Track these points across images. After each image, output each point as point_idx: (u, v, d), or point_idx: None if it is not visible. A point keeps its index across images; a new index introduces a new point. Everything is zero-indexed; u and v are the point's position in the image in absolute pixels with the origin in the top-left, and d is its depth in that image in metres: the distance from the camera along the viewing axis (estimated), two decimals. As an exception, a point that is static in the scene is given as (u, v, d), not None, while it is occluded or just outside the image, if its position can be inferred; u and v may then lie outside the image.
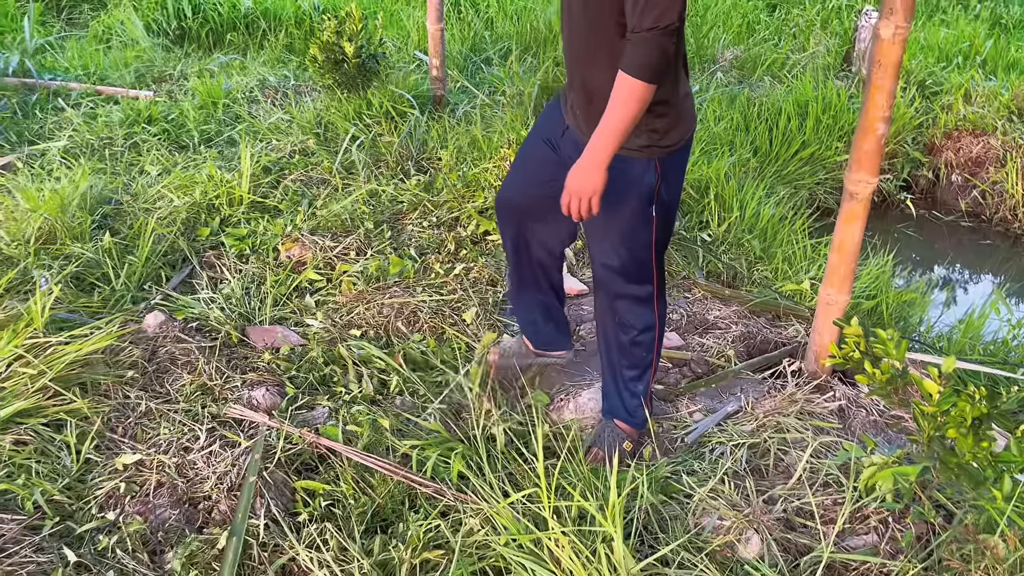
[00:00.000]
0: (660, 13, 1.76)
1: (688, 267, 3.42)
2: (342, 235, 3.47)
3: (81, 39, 6.22)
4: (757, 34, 6.60)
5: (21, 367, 2.30)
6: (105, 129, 4.39)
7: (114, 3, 6.99)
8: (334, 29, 4.60)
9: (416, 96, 4.73)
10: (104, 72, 5.50)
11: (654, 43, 1.78)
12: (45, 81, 5.11)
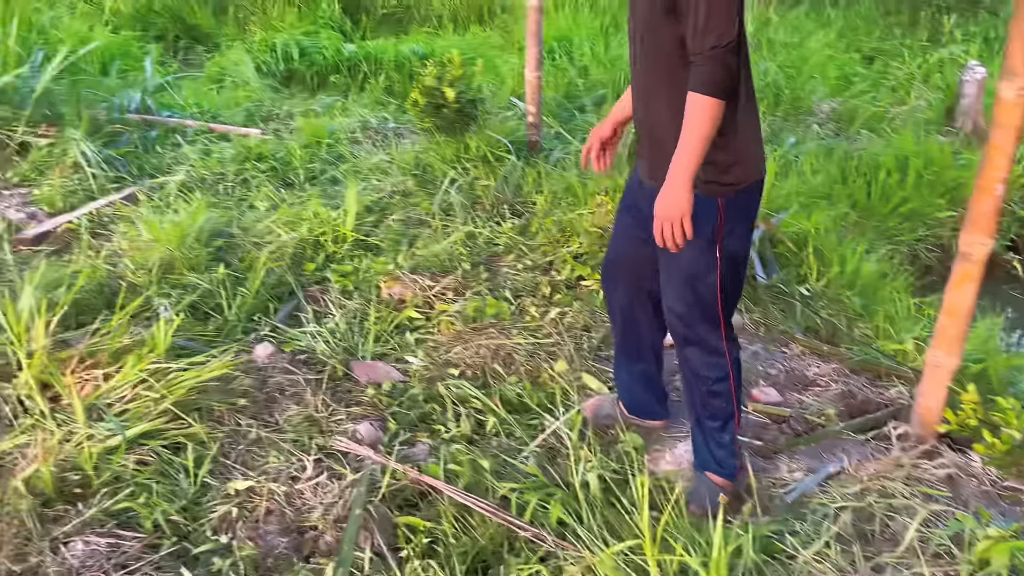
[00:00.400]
0: (719, 34, 1.87)
1: (786, 321, 3.38)
2: (441, 275, 3.56)
3: (197, 79, 6.57)
4: (854, 86, 6.52)
5: (144, 390, 2.43)
6: (218, 165, 4.62)
7: (227, 45, 7.38)
8: (436, 75, 4.76)
9: (512, 141, 4.83)
10: (217, 110, 5.80)
11: (717, 61, 1.89)
12: (164, 118, 5.41)
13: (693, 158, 1.92)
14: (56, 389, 2.43)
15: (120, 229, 3.72)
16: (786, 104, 5.94)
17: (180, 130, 5.25)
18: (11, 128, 4.55)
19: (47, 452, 2.19)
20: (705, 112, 1.89)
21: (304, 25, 7.65)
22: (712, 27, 1.87)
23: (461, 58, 4.79)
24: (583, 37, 7.31)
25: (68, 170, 4.35)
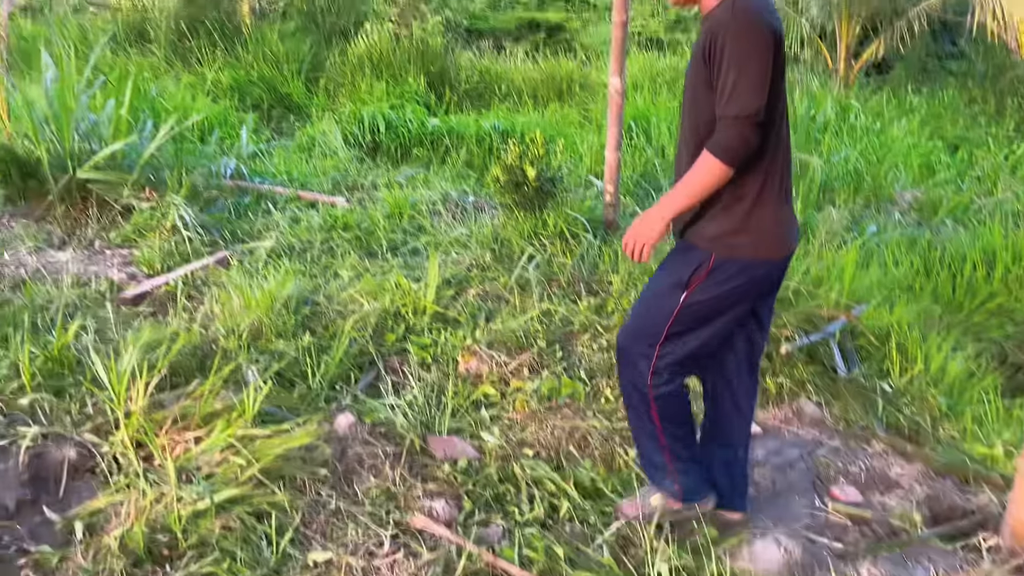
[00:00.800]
0: (743, 104, 1.99)
1: (867, 417, 3.31)
2: (517, 351, 3.60)
3: (287, 147, 6.89)
4: (938, 175, 6.44)
5: (232, 455, 2.51)
6: (306, 232, 4.81)
7: (318, 116, 7.73)
8: (518, 153, 4.90)
9: (589, 219, 4.90)
10: (306, 178, 6.05)
11: (735, 129, 2.01)
12: (256, 184, 5.67)
13: (680, 201, 2.12)
14: (150, 449, 2.53)
15: (213, 292, 3.88)
16: (867, 191, 5.90)
17: (271, 196, 5.49)
18: (117, 192, 4.83)
19: (139, 512, 2.27)
20: (709, 171, 2.05)
21: (391, 99, 7.97)
22: (737, 95, 2.00)
23: (543, 137, 4.92)
24: (661, 117, 7.43)
25: (167, 233, 4.58)
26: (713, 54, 2.05)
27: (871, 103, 8.75)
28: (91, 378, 2.81)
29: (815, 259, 4.30)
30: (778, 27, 2.11)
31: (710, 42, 2.06)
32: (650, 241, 2.16)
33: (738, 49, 2.01)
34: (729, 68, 2.01)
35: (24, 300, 3.57)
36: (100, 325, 3.44)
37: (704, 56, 2.08)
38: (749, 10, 2.04)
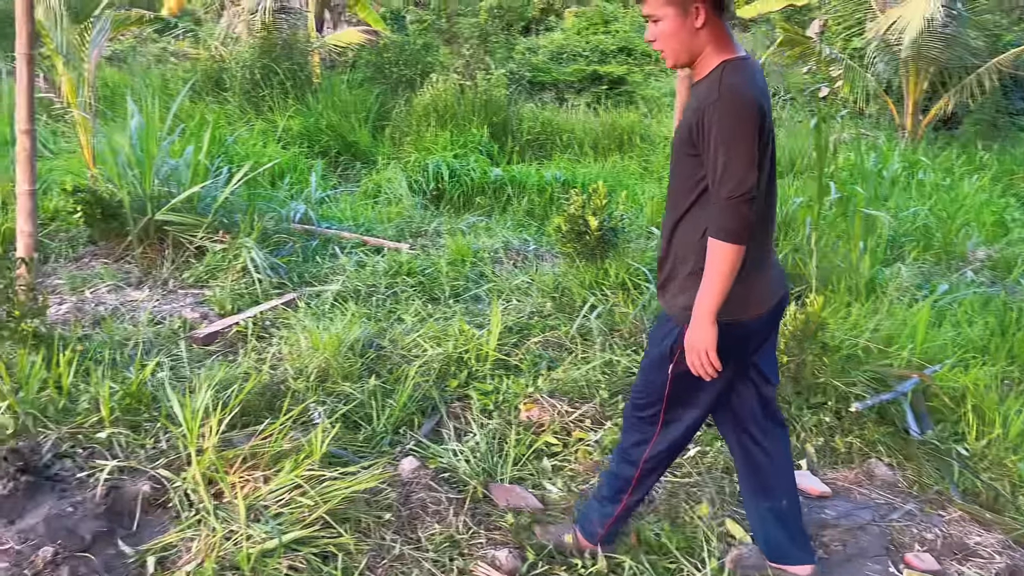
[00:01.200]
0: (736, 183, 2.02)
1: (942, 482, 3.20)
2: (579, 401, 3.59)
3: (354, 193, 7.05)
4: (1012, 233, 6.27)
5: (299, 496, 2.54)
6: (371, 277, 4.89)
7: (384, 163, 7.91)
8: (580, 203, 4.93)
9: (651, 269, 4.89)
10: (371, 224, 6.18)
11: (731, 210, 2.04)
12: (323, 229, 5.82)
13: (714, 296, 2.09)
14: (221, 486, 2.58)
15: (281, 334, 3.97)
16: (937, 248, 5.78)
17: (338, 241, 5.61)
18: (192, 233, 5.00)
19: (209, 549, 2.31)
20: (722, 257, 2.06)
21: (454, 148, 8.11)
22: (729, 176, 2.02)
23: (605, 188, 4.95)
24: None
25: (238, 274, 4.72)
26: (701, 129, 2.08)
27: (940, 159, 8.60)
28: (166, 414, 2.89)
29: (885, 317, 4.21)
30: (764, 100, 2.12)
31: (698, 118, 2.09)
32: (709, 346, 2.13)
33: (726, 129, 2.03)
34: (718, 148, 2.03)
35: (104, 336, 3.70)
36: (174, 363, 3.54)
37: (692, 128, 2.11)
38: (735, 87, 2.05)
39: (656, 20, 2.15)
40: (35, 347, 3.19)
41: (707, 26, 2.13)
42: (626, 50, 13.78)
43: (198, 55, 11.69)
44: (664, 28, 2.14)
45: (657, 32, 2.17)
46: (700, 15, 2.11)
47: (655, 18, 2.15)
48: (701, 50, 2.16)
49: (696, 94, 2.16)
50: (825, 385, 3.49)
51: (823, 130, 4.92)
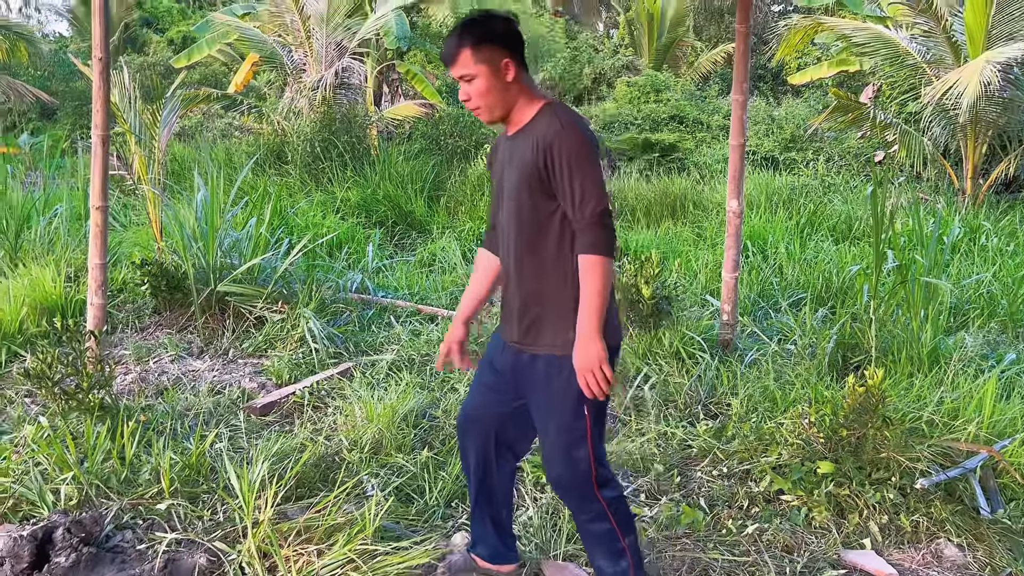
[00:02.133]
0: (596, 201, 2.18)
1: (1015, 564, 3.04)
2: (633, 474, 3.54)
3: (409, 262, 7.18)
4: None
5: (352, 571, 2.54)
6: (425, 346, 4.94)
7: (439, 233, 8.06)
8: (633, 272, 4.94)
9: (705, 339, 4.85)
10: (426, 293, 6.27)
11: (598, 225, 2.18)
12: (379, 298, 5.92)
13: (598, 311, 2.17)
14: (275, 560, 2.60)
15: (336, 404, 4.02)
16: (1003, 316, 5.61)
17: (393, 310, 5.70)
18: (252, 304, 5.14)
19: (263, 624, 2.31)
20: (598, 270, 2.16)
21: (507, 216, 8.21)
22: (588, 198, 2.18)
23: (658, 256, 4.96)
24: (778, 237, 7.36)
25: (295, 344, 4.81)
26: (551, 162, 2.20)
27: (1003, 223, 8.41)
28: (224, 486, 2.94)
29: (949, 388, 4.08)
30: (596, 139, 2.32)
31: (546, 152, 2.21)
32: (601, 359, 2.19)
33: (577, 154, 2.19)
34: (573, 172, 2.19)
35: (166, 407, 3.80)
36: (232, 433, 3.60)
37: (540, 165, 2.22)
38: (573, 119, 2.26)
39: (470, 79, 2.26)
40: (101, 418, 3.28)
41: (517, 78, 2.29)
42: (678, 118, 13.90)
43: (261, 129, 12.17)
44: (479, 86, 2.26)
45: (472, 90, 2.27)
46: (511, 69, 2.28)
47: (468, 77, 2.26)
48: (515, 102, 2.32)
49: (528, 138, 2.28)
50: (888, 460, 3.38)
51: (880, 195, 4.87)
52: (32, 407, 3.79)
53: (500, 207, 2.41)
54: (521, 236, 2.31)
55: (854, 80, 13.76)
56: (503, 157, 2.39)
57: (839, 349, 4.70)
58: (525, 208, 2.29)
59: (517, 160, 2.29)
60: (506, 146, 2.39)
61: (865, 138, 12.26)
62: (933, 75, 10.18)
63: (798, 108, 13.78)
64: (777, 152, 12.38)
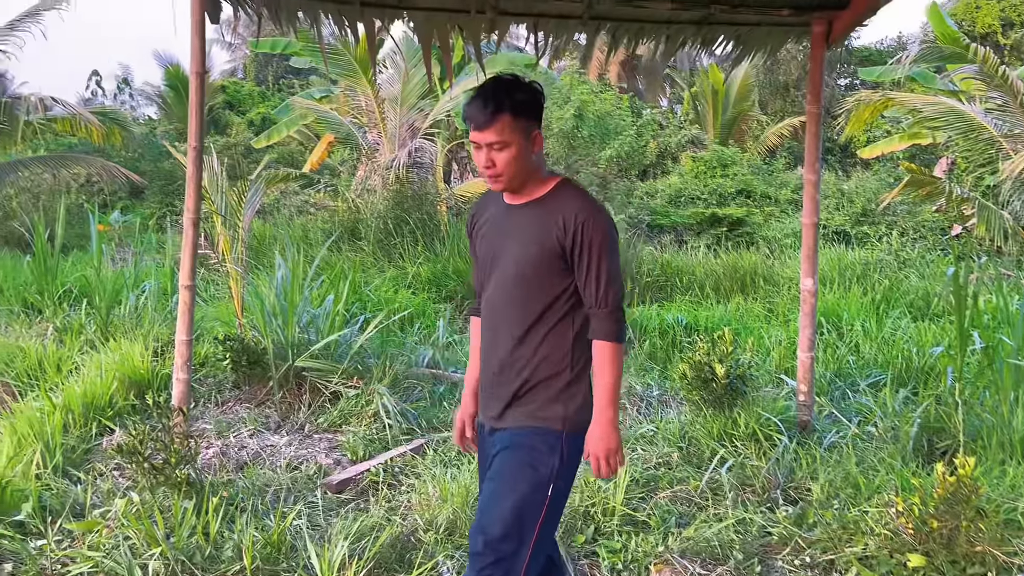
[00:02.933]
0: (617, 290, 2.22)
1: None
2: (711, 562, 3.45)
3: (479, 337, 7.24)
4: None
5: (429, 657, 2.52)
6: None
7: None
8: (706, 350, 4.90)
9: (782, 420, 4.74)
10: (495, 369, 6.29)
11: (616, 316, 2.21)
12: (450, 374, 5.97)
13: (615, 400, 2.20)
14: (353, 643, 2.60)
15: (410, 482, 4.04)
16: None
17: (462, 384, 5.73)
18: (327, 379, 5.24)
19: None
20: (616, 358, 2.19)
21: (576, 291, 8.24)
22: (612, 288, 2.20)
23: (730, 333, 4.91)
24: (853, 314, 7.22)
25: (370, 420, 4.88)
26: (579, 243, 2.18)
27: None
28: (304, 565, 2.97)
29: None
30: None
31: (575, 232, 2.18)
32: (616, 449, 2.21)
33: (605, 242, 2.19)
34: (601, 258, 2.18)
35: (247, 482, 3.88)
36: (311, 510, 3.65)
37: (566, 241, 2.19)
38: (603, 208, 2.26)
39: (501, 147, 2.19)
40: (187, 493, 3.37)
41: (539, 150, 2.28)
42: (745, 192, 13.88)
43: (336, 206, 12.59)
44: (509, 154, 2.20)
45: (500, 158, 2.20)
46: (539, 141, 2.27)
47: (500, 145, 2.18)
48: (534, 173, 2.29)
49: (547, 213, 2.23)
50: (983, 554, 3.22)
51: (960, 272, 4.76)
52: (121, 480, 3.92)
53: (490, 278, 2.34)
54: (524, 311, 2.25)
55: (926, 153, 13.58)
56: (500, 226, 2.32)
57: (924, 433, 4.54)
58: (532, 283, 2.24)
59: (530, 233, 2.24)
60: (504, 215, 2.32)
61: (941, 212, 12.02)
62: (1011, 149, 9.99)
63: (868, 181, 13.62)
64: (848, 226, 12.21)
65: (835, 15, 4.62)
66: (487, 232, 2.37)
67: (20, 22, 10.90)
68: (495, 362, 2.32)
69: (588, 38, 5.00)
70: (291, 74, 28.57)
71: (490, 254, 2.34)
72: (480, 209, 2.46)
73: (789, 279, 8.95)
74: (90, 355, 5.59)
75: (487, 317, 2.36)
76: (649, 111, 18.42)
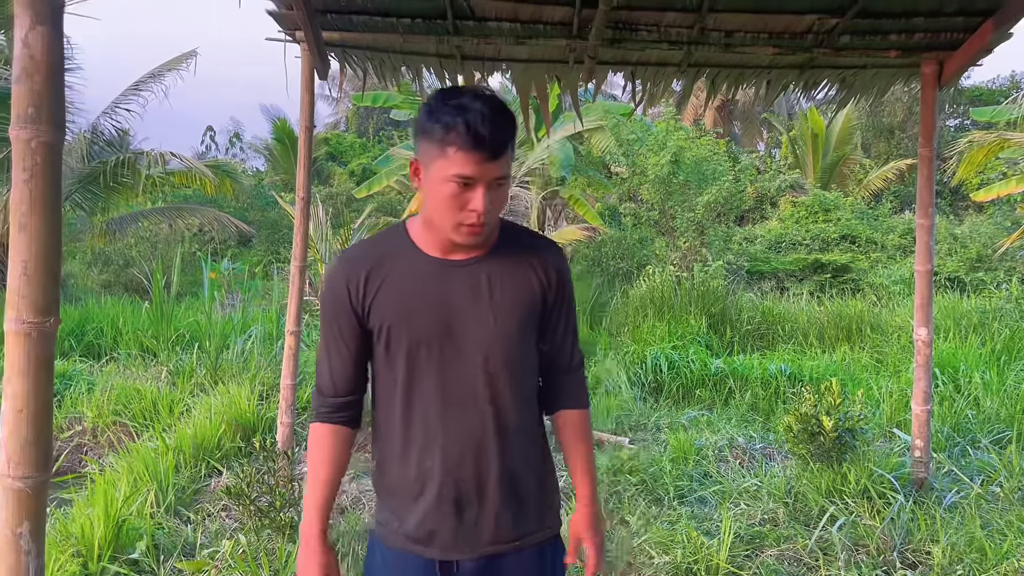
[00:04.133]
0: (578, 345, 1.84)
1: None
2: (823, 628, 3.27)
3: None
4: None
5: None
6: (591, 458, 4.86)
7: (603, 355, 8.06)
8: (813, 402, 4.71)
9: (896, 476, 4.50)
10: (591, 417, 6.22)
11: (583, 370, 1.87)
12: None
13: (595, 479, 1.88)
14: None
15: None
16: None
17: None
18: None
19: None
20: (591, 426, 1.88)
21: (672, 339, 8.13)
22: (576, 338, 1.84)
23: (838, 385, 4.71)
24: (971, 365, 6.83)
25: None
26: (556, 293, 1.74)
27: None
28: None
29: None
30: None
31: (552, 280, 1.73)
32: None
33: (573, 293, 1.81)
34: (572, 311, 1.80)
35: (347, 526, 3.92)
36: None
37: (544, 295, 1.73)
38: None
39: (502, 183, 1.62)
40: (291, 536, 3.43)
41: None
42: (849, 238, 13.45)
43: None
44: (505, 191, 1.65)
45: (501, 197, 1.64)
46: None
47: (503, 180, 1.62)
48: None
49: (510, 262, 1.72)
50: None
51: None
52: (228, 521, 4.03)
53: (428, 365, 1.68)
54: (509, 393, 1.70)
55: (1046, 195, 12.88)
56: (432, 293, 1.68)
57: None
58: (522, 359, 1.73)
59: (509, 296, 1.70)
60: (438, 277, 1.69)
61: (1064, 255, 11.34)
62: None
63: (983, 226, 13.00)
64: (962, 273, 11.64)
65: (946, 55, 4.46)
66: (405, 301, 1.67)
67: (144, 83, 11.68)
68: (468, 474, 1.71)
69: (686, 85, 4.98)
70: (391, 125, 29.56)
71: (423, 332, 1.67)
72: (363, 267, 1.69)
73: (898, 327, 8.57)
74: (200, 398, 5.82)
75: (446, 407, 1.68)
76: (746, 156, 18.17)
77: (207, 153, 24.43)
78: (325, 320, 1.73)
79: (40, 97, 1.63)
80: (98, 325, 8.37)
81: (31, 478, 1.63)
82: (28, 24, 1.62)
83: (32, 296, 1.63)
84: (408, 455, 1.71)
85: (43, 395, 1.65)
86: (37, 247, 1.63)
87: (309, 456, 1.78)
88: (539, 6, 4.20)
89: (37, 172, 1.63)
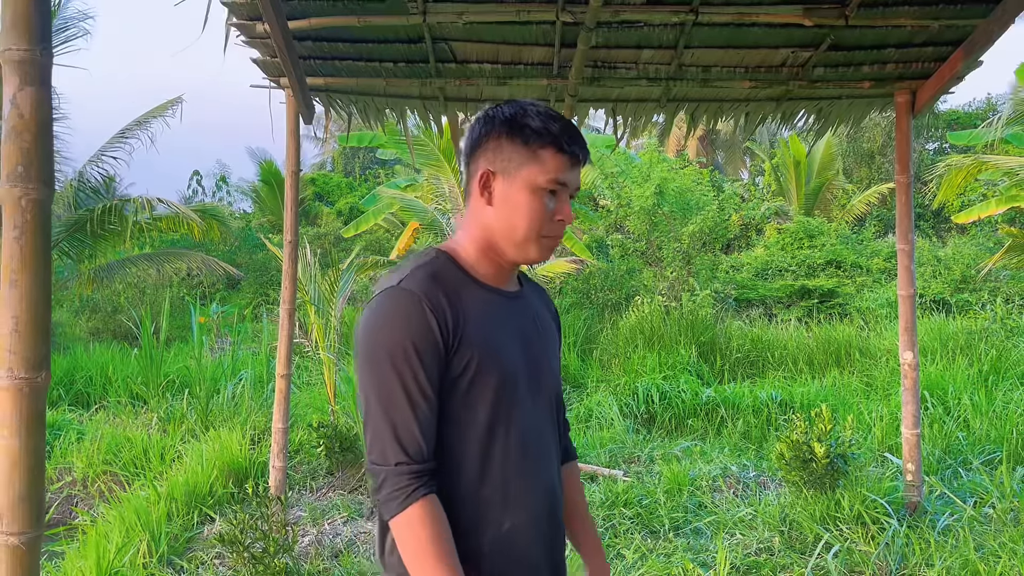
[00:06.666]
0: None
1: None
2: (822, 657, 3.26)
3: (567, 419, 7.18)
4: None
5: None
6: (589, 507, 4.86)
7: (593, 387, 8.07)
8: (804, 429, 4.73)
9: (889, 501, 4.51)
10: (583, 450, 6.22)
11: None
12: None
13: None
14: None
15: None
16: None
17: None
18: (419, 463, 5.26)
19: None
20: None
21: (663, 369, 8.15)
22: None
23: (828, 410, 4.74)
24: (959, 387, 6.87)
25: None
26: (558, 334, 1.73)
27: None
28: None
29: None
30: None
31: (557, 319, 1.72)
32: None
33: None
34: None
35: (342, 570, 3.90)
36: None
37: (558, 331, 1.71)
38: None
39: (575, 194, 1.53)
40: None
41: None
42: (835, 263, 13.55)
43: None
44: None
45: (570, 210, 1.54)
46: None
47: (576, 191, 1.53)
48: None
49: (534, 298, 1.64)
50: None
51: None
52: (222, 568, 3.99)
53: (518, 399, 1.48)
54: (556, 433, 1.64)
55: (1027, 216, 13.05)
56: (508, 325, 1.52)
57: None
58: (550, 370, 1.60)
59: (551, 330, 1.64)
60: (505, 309, 1.53)
61: (1046, 276, 11.46)
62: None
63: (966, 247, 13.13)
64: (947, 294, 11.74)
65: (919, 84, 4.57)
66: (490, 331, 1.46)
67: (130, 130, 11.73)
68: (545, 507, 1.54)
69: (667, 119, 5.06)
70: (377, 164, 29.71)
71: (512, 368, 1.48)
72: (441, 296, 1.43)
73: (887, 351, 8.62)
74: (191, 444, 5.78)
75: (526, 453, 1.49)
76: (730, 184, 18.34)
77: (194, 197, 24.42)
78: (396, 367, 1.38)
79: (29, 155, 1.65)
80: (87, 373, 8.33)
81: (25, 534, 1.63)
82: (16, 85, 1.65)
83: (24, 352, 1.64)
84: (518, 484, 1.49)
85: (36, 450, 1.65)
86: (28, 303, 1.64)
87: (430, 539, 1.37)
88: (519, 47, 4.28)
89: (27, 229, 1.65)
